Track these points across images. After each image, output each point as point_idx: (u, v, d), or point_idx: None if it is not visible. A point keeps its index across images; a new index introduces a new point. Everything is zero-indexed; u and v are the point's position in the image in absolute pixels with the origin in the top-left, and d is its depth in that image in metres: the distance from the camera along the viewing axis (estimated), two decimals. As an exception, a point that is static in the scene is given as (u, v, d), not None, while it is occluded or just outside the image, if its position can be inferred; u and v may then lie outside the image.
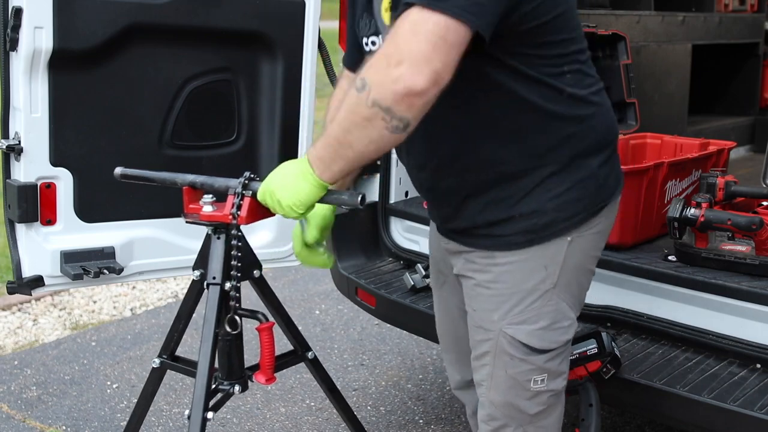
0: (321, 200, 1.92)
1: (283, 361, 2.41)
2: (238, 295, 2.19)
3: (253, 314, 2.23)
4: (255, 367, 2.29)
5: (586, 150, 1.84)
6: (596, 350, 2.22)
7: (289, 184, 1.78)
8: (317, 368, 2.49)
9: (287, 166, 1.81)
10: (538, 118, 1.79)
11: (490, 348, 1.95)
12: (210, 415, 2.13)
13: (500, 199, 1.85)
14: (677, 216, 2.48)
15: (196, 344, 2.31)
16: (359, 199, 1.95)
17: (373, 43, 1.92)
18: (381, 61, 1.59)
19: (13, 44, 2.29)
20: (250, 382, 2.30)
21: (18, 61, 2.32)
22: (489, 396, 1.99)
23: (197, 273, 2.25)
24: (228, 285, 2.19)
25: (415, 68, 1.53)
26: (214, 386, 2.24)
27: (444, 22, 1.54)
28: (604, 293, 2.59)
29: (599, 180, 1.87)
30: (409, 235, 3.14)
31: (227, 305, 2.19)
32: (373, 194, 3.16)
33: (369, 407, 3.43)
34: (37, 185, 2.42)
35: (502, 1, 1.61)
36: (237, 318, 2.20)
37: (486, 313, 1.94)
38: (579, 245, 1.88)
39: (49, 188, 2.44)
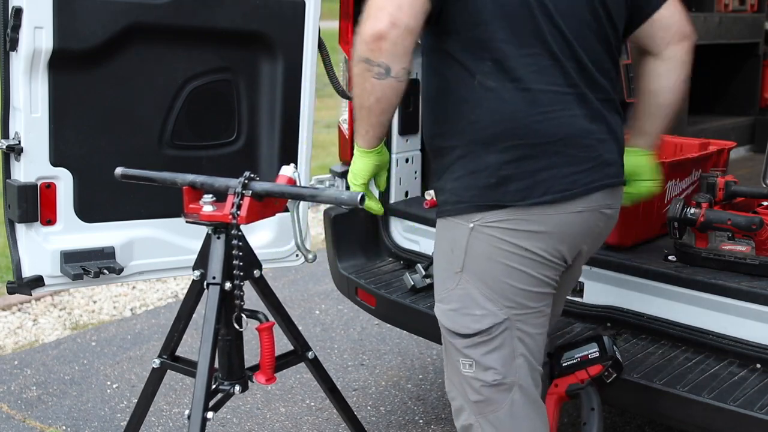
0: (320, 200, 1.92)
1: (283, 361, 2.41)
2: (242, 293, 2.19)
3: (253, 314, 2.23)
4: (255, 367, 2.30)
5: (481, 140, 1.86)
6: (598, 354, 2.20)
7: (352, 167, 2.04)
8: (317, 368, 2.49)
9: None
10: (453, 99, 1.89)
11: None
12: (210, 415, 2.13)
13: (434, 171, 2.03)
14: (677, 216, 2.48)
15: (196, 344, 2.31)
16: (359, 198, 1.96)
17: None
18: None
19: (13, 44, 2.29)
20: (250, 382, 2.31)
21: (18, 61, 2.31)
22: (446, 372, 2.07)
23: (197, 273, 2.26)
24: (228, 285, 2.19)
25: (373, 18, 1.77)
26: (214, 386, 2.25)
27: None
28: (604, 293, 2.58)
29: (493, 177, 1.86)
30: (409, 235, 3.14)
31: (233, 304, 2.20)
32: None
33: (369, 407, 3.43)
34: (37, 185, 2.42)
35: None
36: (243, 315, 2.21)
37: None
38: (483, 235, 1.89)
39: (49, 188, 2.44)
